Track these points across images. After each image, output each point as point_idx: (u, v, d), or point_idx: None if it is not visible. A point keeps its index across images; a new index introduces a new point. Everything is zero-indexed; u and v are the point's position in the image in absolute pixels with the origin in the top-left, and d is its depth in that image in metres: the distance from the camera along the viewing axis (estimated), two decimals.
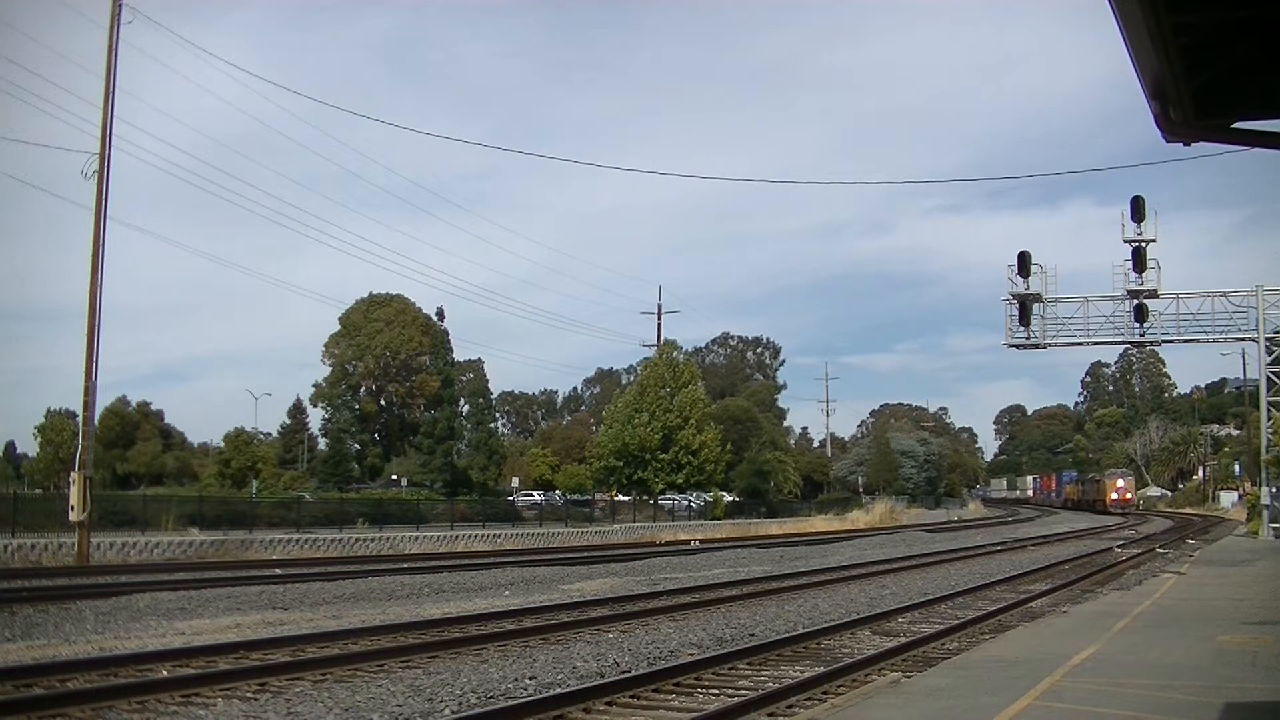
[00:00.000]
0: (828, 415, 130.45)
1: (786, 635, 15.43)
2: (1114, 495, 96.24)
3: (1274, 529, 41.87)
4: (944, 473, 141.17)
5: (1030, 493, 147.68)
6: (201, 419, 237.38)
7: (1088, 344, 42.74)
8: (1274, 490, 43.09)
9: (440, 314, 77.61)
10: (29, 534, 31.62)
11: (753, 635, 15.88)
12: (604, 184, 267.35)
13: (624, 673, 12.33)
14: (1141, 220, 34.85)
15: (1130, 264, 36.35)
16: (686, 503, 72.44)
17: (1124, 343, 47.83)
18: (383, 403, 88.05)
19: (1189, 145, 5.94)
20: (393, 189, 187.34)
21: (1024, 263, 38.14)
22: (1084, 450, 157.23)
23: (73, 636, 15.25)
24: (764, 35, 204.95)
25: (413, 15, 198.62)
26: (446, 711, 10.32)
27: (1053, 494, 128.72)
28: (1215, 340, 43.41)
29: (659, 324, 72.58)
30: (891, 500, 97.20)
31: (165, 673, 12.13)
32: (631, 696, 11.03)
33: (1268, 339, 42.12)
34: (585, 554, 36.30)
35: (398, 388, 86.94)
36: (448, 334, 77.11)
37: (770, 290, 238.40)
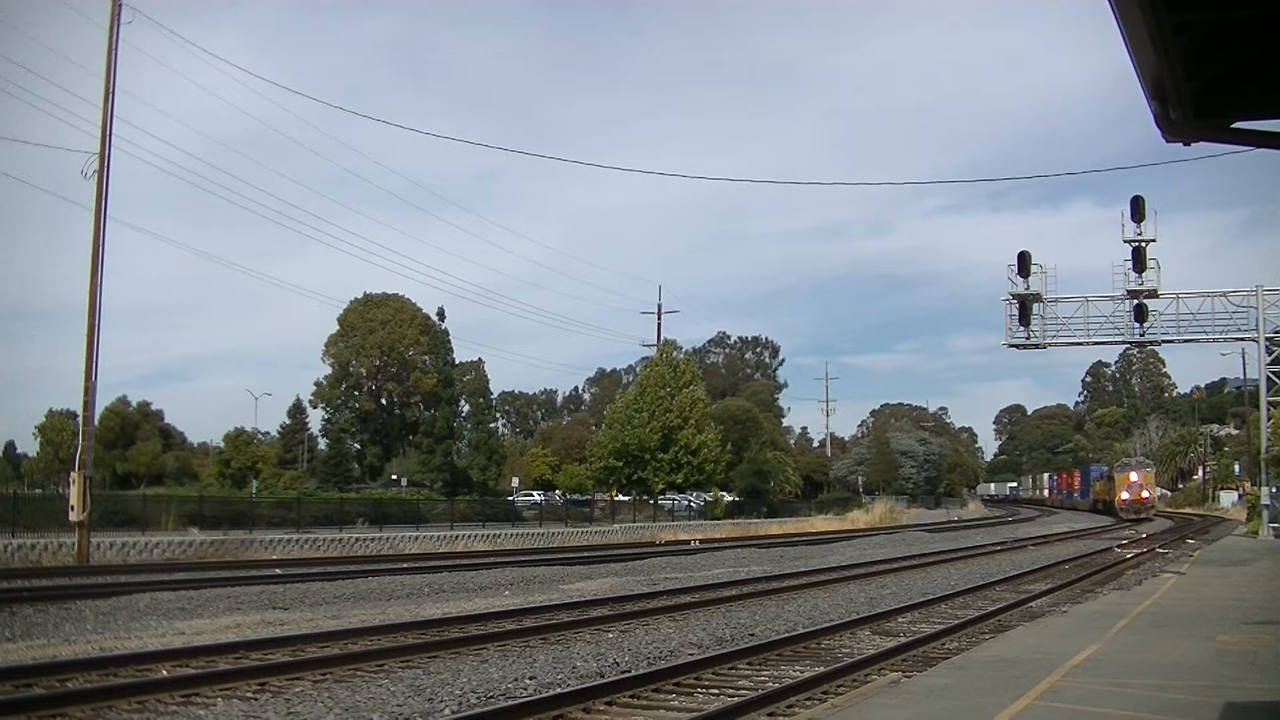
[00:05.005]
0: (828, 415, 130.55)
1: (786, 635, 15.44)
2: (1124, 494, 73.72)
3: (1274, 529, 41.86)
4: (944, 473, 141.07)
5: (1045, 492, 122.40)
6: (201, 419, 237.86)
7: (1088, 344, 42.73)
8: (1274, 490, 43.07)
9: (440, 314, 77.69)
10: (29, 534, 31.64)
11: (753, 635, 15.89)
12: (604, 184, 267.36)
13: (624, 673, 12.33)
14: (1141, 220, 34.85)
15: (1130, 264, 36.36)
16: (686, 503, 72.48)
17: (1124, 343, 47.87)
18: (382, 402, 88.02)
19: (1189, 145, 5.94)
20: (393, 189, 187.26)
21: (1024, 263, 38.14)
22: (1084, 450, 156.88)
23: (73, 636, 15.25)
24: (764, 35, 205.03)
25: (413, 16, 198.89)
26: (446, 711, 10.32)
27: (1076, 494, 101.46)
28: (1215, 340, 43.41)
29: (659, 324, 72.70)
30: (891, 500, 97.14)
31: (165, 673, 12.13)
32: (631, 696, 11.03)
33: (1268, 339, 42.11)
34: (585, 554, 36.30)
35: (396, 387, 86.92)
36: (448, 334, 77.20)
37: (770, 290, 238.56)
